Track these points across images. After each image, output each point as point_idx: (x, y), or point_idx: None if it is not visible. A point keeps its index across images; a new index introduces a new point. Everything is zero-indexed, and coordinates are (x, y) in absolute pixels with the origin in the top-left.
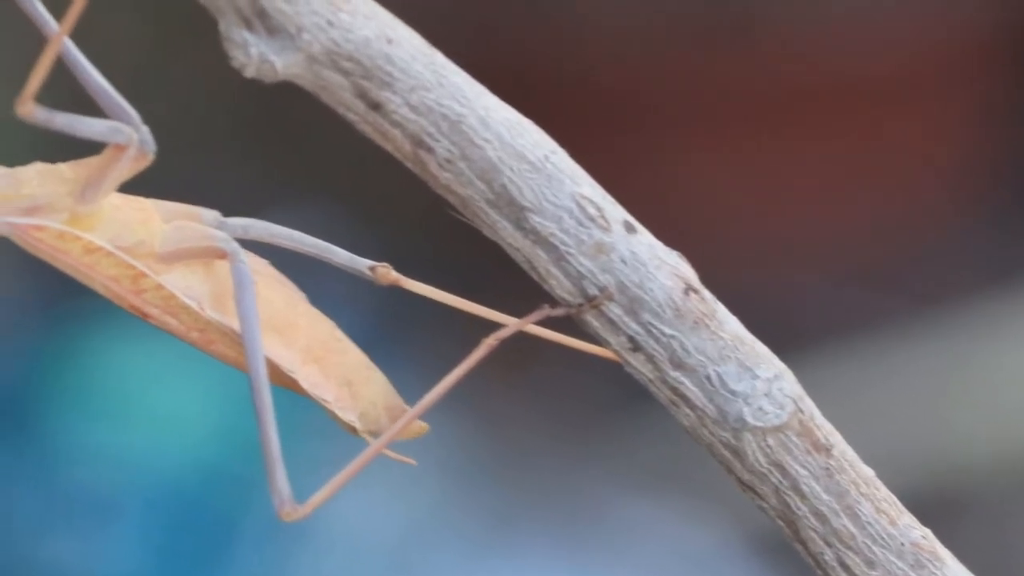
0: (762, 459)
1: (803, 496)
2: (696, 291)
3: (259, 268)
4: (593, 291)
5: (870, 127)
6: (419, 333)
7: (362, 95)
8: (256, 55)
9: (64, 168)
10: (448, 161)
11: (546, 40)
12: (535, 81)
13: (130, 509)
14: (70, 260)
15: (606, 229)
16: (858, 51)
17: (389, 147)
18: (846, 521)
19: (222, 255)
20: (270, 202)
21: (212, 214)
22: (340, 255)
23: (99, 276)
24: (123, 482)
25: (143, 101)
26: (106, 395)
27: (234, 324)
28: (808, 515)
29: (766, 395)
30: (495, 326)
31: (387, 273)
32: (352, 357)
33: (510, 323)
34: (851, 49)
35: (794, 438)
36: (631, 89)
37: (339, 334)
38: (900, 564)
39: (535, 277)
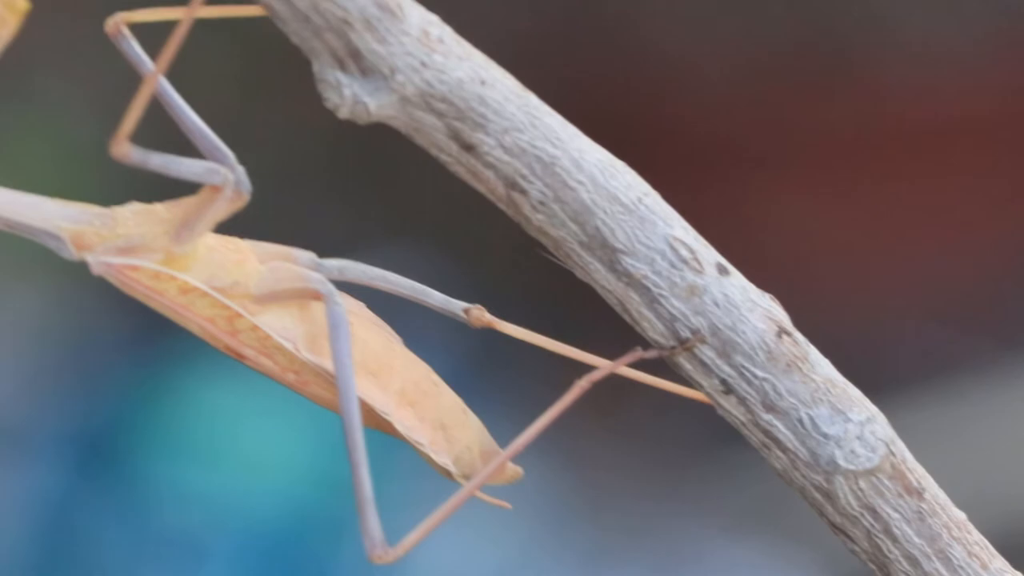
0: (854, 502)
1: (895, 539)
2: (789, 334)
3: (354, 310)
4: (686, 333)
5: (962, 169)
6: (511, 375)
7: (455, 136)
8: (350, 96)
9: (160, 208)
10: (541, 203)
11: (639, 81)
12: (627, 123)
13: (221, 551)
14: (165, 300)
15: (699, 271)
16: (952, 92)
17: (482, 188)
18: (938, 565)
19: (317, 296)
20: (364, 243)
21: (307, 255)
22: (435, 297)
23: (194, 317)
24: (214, 524)
25: (237, 141)
26: (197, 436)
27: (329, 366)
28: (900, 559)
29: (858, 438)
30: (587, 368)
31: (481, 315)
32: (447, 400)
33: (603, 365)
34: (945, 90)
35: (886, 481)
36: (724, 131)
37: (434, 377)
38: None
39: (627, 319)
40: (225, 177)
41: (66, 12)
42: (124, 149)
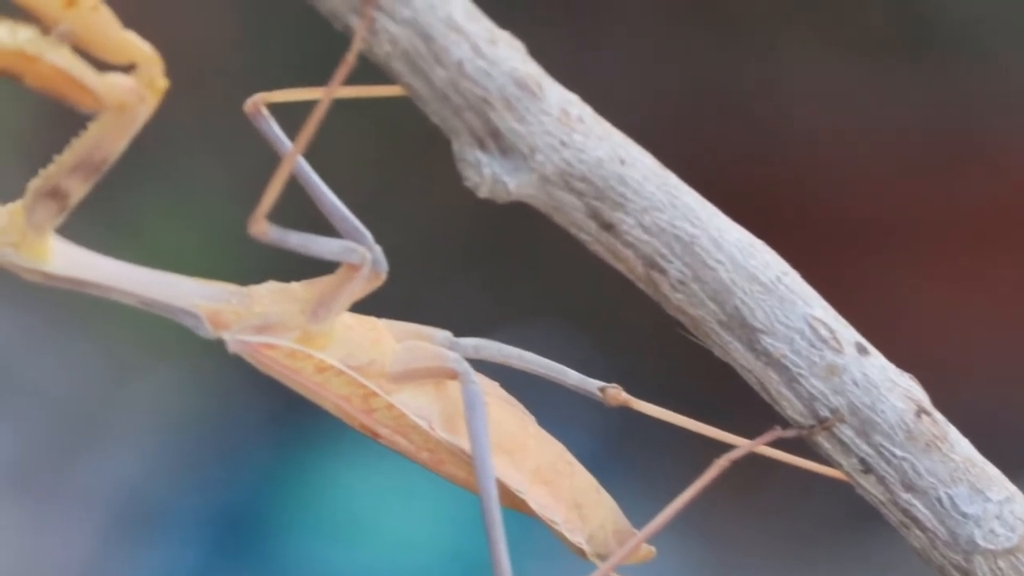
0: None
1: None
2: (928, 413)
3: (489, 389)
4: (825, 413)
5: None
6: (647, 454)
7: (595, 216)
8: (489, 175)
9: (297, 287)
10: (681, 282)
11: (774, 161)
12: (764, 202)
13: None
14: (301, 379)
15: (838, 351)
16: None
17: (621, 268)
18: None
19: (453, 375)
20: (501, 322)
21: (443, 334)
22: (571, 376)
23: (330, 395)
24: None
25: (375, 221)
26: (336, 515)
27: (464, 444)
28: None
29: (997, 518)
30: (724, 447)
31: (617, 394)
32: (580, 480)
33: (742, 444)
34: None
35: None
36: (861, 210)
37: (568, 456)
38: None
39: (766, 398)
40: (363, 256)
41: (206, 94)
42: (262, 227)
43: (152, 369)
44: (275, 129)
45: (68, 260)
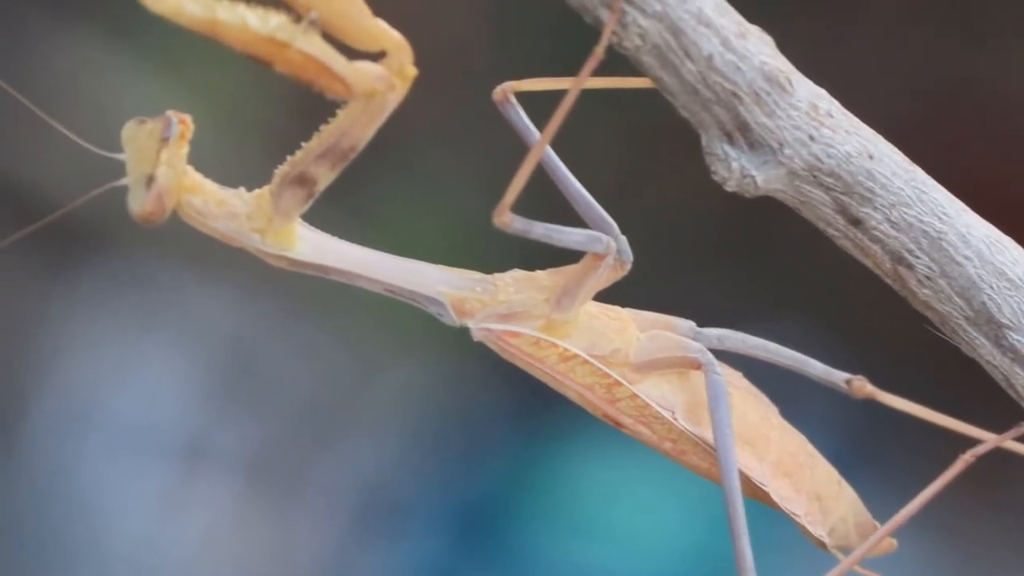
0: None
1: None
2: None
3: (733, 380)
4: None
5: None
6: (891, 447)
7: (843, 211)
8: (738, 169)
9: (541, 275)
10: (928, 278)
11: (1020, 155)
12: (1012, 201)
13: None
14: (545, 367)
15: None
16: None
17: (868, 263)
18: None
19: (696, 366)
20: (745, 316)
21: (687, 324)
22: (815, 367)
23: (573, 383)
24: None
25: (621, 212)
26: (577, 509)
27: (707, 435)
28: None
29: None
30: (969, 441)
31: (863, 386)
32: (822, 472)
33: (988, 439)
34: None
35: None
36: None
37: (810, 448)
38: None
39: (1012, 395)
40: (607, 245)
41: (450, 85)
42: (506, 218)
43: (396, 362)
44: (523, 117)
45: (314, 246)
